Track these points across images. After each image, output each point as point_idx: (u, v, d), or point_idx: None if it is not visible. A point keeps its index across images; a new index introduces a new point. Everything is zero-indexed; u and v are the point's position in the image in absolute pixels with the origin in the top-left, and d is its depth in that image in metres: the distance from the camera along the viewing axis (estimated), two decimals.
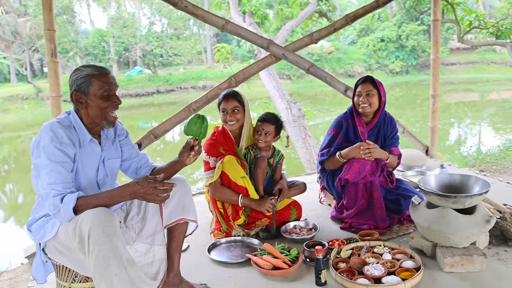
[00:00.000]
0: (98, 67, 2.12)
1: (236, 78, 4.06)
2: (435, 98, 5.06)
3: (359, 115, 3.30)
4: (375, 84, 3.21)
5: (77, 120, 2.10)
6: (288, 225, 3.12)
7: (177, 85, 27.96)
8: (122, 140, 2.39)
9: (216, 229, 3.13)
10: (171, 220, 2.32)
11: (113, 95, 2.14)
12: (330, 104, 23.16)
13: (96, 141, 2.18)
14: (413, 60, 33.12)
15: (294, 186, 3.30)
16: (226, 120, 3.04)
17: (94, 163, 2.18)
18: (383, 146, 3.28)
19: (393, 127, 3.38)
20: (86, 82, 2.05)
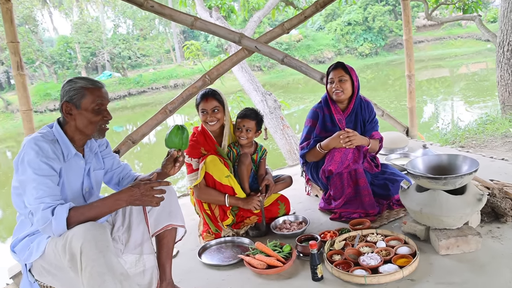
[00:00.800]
0: (93, 81, 2.08)
1: (210, 75, 3.96)
2: (411, 78, 5.06)
3: (334, 103, 3.25)
4: (346, 69, 3.16)
5: (61, 134, 2.05)
6: (278, 220, 3.06)
7: (148, 86, 27.53)
8: (103, 151, 2.34)
9: (205, 231, 3.05)
10: (158, 227, 2.25)
11: (104, 110, 2.10)
12: (303, 92, 23.19)
13: (80, 154, 2.12)
14: (381, 41, 33.40)
15: (280, 180, 3.24)
16: (207, 120, 2.95)
17: (79, 176, 2.13)
18: (363, 132, 3.25)
19: (371, 111, 3.35)
20: (79, 94, 2.01)
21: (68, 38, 29.75)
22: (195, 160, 2.96)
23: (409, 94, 5.13)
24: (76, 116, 2.02)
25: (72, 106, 2.01)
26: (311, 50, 33.53)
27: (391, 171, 3.31)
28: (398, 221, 2.96)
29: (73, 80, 2.05)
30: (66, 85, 2.04)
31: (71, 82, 2.04)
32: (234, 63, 4.07)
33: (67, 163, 2.03)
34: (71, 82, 2.05)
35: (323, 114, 3.28)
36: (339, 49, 33.92)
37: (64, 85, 2.06)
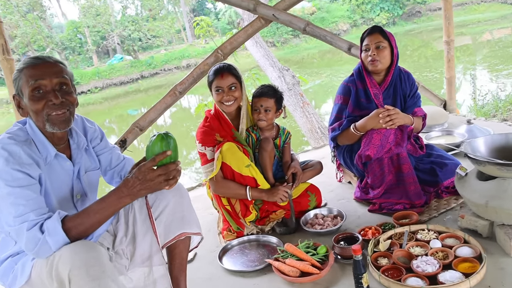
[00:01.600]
0: (34, 57, 1.63)
1: (223, 50, 3.52)
2: (450, 45, 4.53)
3: (370, 75, 2.79)
4: (385, 34, 2.69)
5: (36, 131, 1.64)
6: (308, 214, 2.65)
7: (161, 67, 27.10)
8: (97, 146, 1.92)
9: (225, 229, 2.65)
10: (169, 237, 1.86)
11: (48, 92, 1.60)
12: (319, 66, 22.54)
13: (62, 155, 1.70)
14: (398, 10, 32.17)
15: (308, 167, 2.81)
16: (222, 100, 2.52)
17: (66, 182, 1.73)
18: (403, 109, 2.78)
19: (412, 83, 2.88)
20: (17, 79, 1.62)
21: (77, 23, 29.41)
22: (209, 149, 2.55)
23: (448, 63, 4.61)
24: (26, 108, 1.63)
25: (19, 98, 1.64)
26: (325, 23, 32.54)
27: (438, 153, 2.84)
28: (451, 213, 2.52)
29: (20, 65, 1.64)
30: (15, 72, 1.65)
31: (17, 70, 1.64)
32: (249, 35, 3.62)
33: (48, 167, 1.64)
34: (17, 69, 1.64)
35: (356, 88, 2.82)
36: (355, 20, 32.88)
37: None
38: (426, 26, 29.81)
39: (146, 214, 1.82)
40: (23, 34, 25.84)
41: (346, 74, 2.99)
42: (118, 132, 15.92)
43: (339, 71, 18.54)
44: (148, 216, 1.82)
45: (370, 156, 2.59)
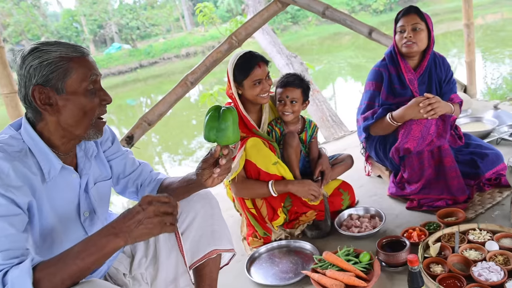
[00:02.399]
0: (74, 46, 1.33)
1: (237, 36, 3.26)
2: (470, 28, 4.27)
3: (403, 58, 2.56)
4: (422, 15, 2.47)
5: (35, 139, 1.31)
6: (342, 215, 2.41)
7: (160, 56, 26.69)
8: (108, 150, 1.61)
9: (250, 235, 2.41)
10: (198, 255, 1.60)
11: (99, 89, 1.37)
12: (319, 53, 22.22)
13: (69, 168, 1.39)
14: None
15: (338, 162, 2.57)
16: (262, 92, 2.25)
17: (71, 199, 1.42)
18: (439, 95, 2.53)
19: (448, 68, 2.67)
20: (60, 69, 1.27)
21: (73, 12, 28.94)
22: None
23: (468, 47, 4.35)
24: (60, 107, 1.29)
25: (51, 92, 1.28)
26: None
27: (476, 143, 2.60)
28: (498, 209, 2.29)
29: (40, 48, 1.27)
30: (30, 58, 1.26)
31: (38, 52, 1.26)
32: (265, 20, 3.36)
33: (49, 184, 1.33)
34: (38, 52, 1.26)
35: (389, 74, 2.58)
36: (353, 7, 32.44)
37: (24, 58, 1.27)
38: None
39: None
40: (16, 23, 25.30)
41: (345, 59, 2.73)
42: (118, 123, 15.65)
43: (339, 57, 18.28)
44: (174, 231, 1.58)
45: (409, 149, 2.35)
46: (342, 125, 6.20)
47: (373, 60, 12.07)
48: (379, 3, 31.57)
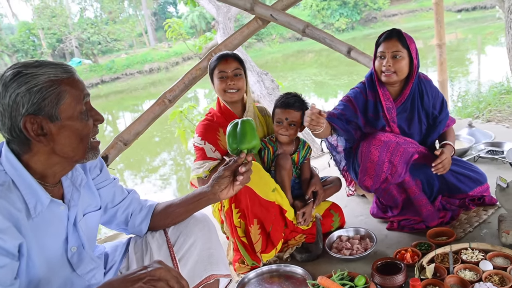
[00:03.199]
0: (61, 65, 1.21)
1: (216, 52, 3.17)
2: (442, 48, 4.40)
3: (383, 85, 2.38)
4: (404, 41, 2.28)
5: (20, 170, 1.18)
6: (331, 237, 2.35)
7: (122, 71, 26.24)
8: (97, 177, 1.50)
9: (237, 260, 2.30)
10: (195, 280, 1.48)
11: (91, 109, 1.27)
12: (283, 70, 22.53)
13: (58, 200, 1.27)
14: (356, 15, 32.85)
15: (327, 183, 2.53)
16: (226, 88, 2.24)
17: (58, 234, 1.29)
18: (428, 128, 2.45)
19: (436, 94, 2.46)
20: (53, 95, 1.16)
21: (30, 24, 28.03)
22: (210, 145, 2.25)
23: (440, 66, 4.47)
24: (54, 135, 1.19)
25: (44, 120, 1.17)
26: None
27: (458, 159, 2.58)
28: (485, 227, 2.31)
29: (24, 72, 1.14)
30: (14, 84, 1.13)
31: (23, 77, 1.14)
32: (245, 37, 3.31)
33: (36, 220, 1.21)
34: (22, 76, 1.14)
35: (366, 99, 2.42)
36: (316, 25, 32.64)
37: (6, 85, 1.13)
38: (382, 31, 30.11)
39: (167, 254, 1.48)
40: None
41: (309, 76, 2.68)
42: None
43: (303, 74, 18.60)
44: (170, 257, 1.48)
45: (368, 188, 2.34)
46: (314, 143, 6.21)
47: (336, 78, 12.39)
48: (341, 22, 32.50)
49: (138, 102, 20.00)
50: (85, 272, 1.38)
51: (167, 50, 26.56)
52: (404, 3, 33.99)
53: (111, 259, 1.58)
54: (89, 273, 1.39)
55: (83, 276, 1.37)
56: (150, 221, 1.58)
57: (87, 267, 1.38)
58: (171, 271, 1.10)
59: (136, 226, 1.58)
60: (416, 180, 2.37)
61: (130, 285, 1.04)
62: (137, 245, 1.57)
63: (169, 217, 1.57)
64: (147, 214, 1.58)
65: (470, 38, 21.47)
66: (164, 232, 1.55)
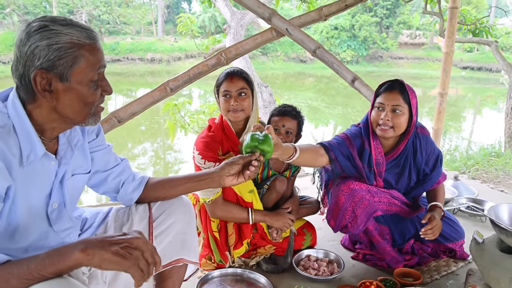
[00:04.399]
0: (88, 30, 1.23)
1: (227, 54, 3.22)
2: (443, 97, 4.48)
3: (376, 138, 2.26)
4: (406, 95, 2.15)
5: (22, 116, 1.20)
6: (300, 254, 2.37)
7: (124, 55, 26.24)
8: (92, 141, 1.51)
9: (204, 256, 2.31)
10: (165, 260, 1.49)
11: (102, 79, 1.29)
12: (281, 88, 22.71)
13: (51, 156, 1.28)
14: (363, 50, 33.32)
15: (306, 203, 2.55)
16: (230, 108, 2.17)
17: (44, 187, 1.30)
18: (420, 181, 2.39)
19: (432, 151, 2.36)
20: (70, 56, 1.18)
21: None
22: (210, 164, 2.15)
23: (438, 114, 4.55)
24: (59, 94, 1.20)
25: (54, 77, 1.18)
26: (294, 48, 33.03)
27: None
28: (452, 278, 2.33)
29: (50, 27, 1.16)
30: (37, 36, 1.15)
31: (48, 32, 1.16)
32: (257, 45, 3.34)
33: (26, 169, 1.22)
34: (47, 31, 1.16)
35: (363, 145, 2.29)
36: None
37: (30, 35, 1.16)
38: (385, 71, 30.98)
39: (146, 229, 1.49)
40: None
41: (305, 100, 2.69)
42: None
43: (299, 96, 18.76)
44: (148, 232, 1.48)
45: (332, 227, 2.36)
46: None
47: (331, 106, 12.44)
48: (348, 54, 32.90)
49: (133, 88, 19.95)
50: (61, 229, 1.38)
51: (172, 43, 26.60)
52: (413, 48, 34.56)
53: (89, 223, 1.58)
54: (65, 231, 1.40)
55: (58, 233, 1.37)
56: (141, 192, 1.60)
57: (64, 225, 1.39)
58: (148, 244, 1.10)
59: (128, 194, 1.58)
60: (382, 227, 2.35)
61: (107, 246, 1.03)
62: (118, 215, 1.58)
63: (165, 188, 1.59)
64: (139, 184, 1.59)
65: (469, 96, 21.89)
66: (148, 207, 1.56)
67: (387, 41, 33.29)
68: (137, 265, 1.04)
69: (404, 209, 2.35)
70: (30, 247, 1.28)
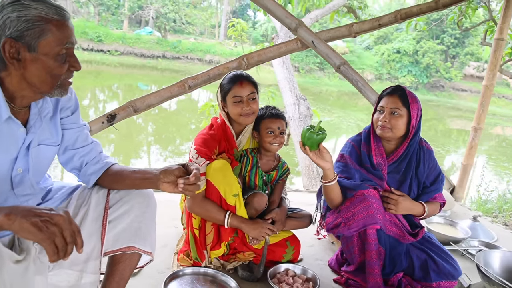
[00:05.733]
0: (57, 7, 1.32)
1: (249, 59, 3.24)
2: (477, 132, 4.26)
3: (378, 140, 2.38)
4: (405, 100, 2.28)
5: None
6: (278, 267, 2.32)
7: (184, 54, 27.05)
8: (66, 118, 1.58)
9: (183, 252, 2.33)
10: (115, 246, 1.54)
11: (70, 55, 1.37)
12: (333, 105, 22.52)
13: (17, 121, 1.37)
14: (424, 78, 32.37)
15: (296, 216, 2.49)
16: (243, 112, 2.19)
17: (10, 151, 1.38)
18: (419, 193, 2.38)
19: (433, 166, 2.43)
20: (36, 28, 1.27)
21: None
22: (201, 160, 2.17)
23: (469, 149, 4.34)
24: (27, 63, 1.29)
25: (22, 47, 1.28)
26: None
27: (440, 247, 2.42)
28: None
29: (22, 1, 1.26)
30: (9, 8, 1.26)
31: (19, 6, 1.26)
32: (281, 53, 3.34)
33: None
34: (19, 5, 1.26)
35: (360, 152, 2.41)
36: (381, 73, 33.06)
37: (3, 7, 1.27)
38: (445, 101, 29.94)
39: (101, 213, 1.53)
40: None
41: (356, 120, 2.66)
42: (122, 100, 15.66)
43: (351, 115, 18.53)
44: (102, 217, 1.52)
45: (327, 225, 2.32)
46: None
47: None
48: (407, 79, 32.08)
49: None
50: (22, 194, 1.46)
51: (232, 48, 27.05)
52: (479, 82, 33.11)
53: (51, 195, 1.64)
54: (25, 196, 1.47)
55: (18, 197, 1.45)
56: (100, 176, 1.63)
57: (25, 191, 1.46)
58: (72, 224, 1.14)
59: (86, 175, 1.64)
60: (380, 247, 2.27)
61: (29, 216, 1.09)
62: (82, 194, 1.63)
63: (116, 179, 1.62)
64: (100, 169, 1.64)
65: None
66: (107, 192, 1.60)
67: (451, 71, 32.19)
68: (52, 240, 1.08)
69: (403, 233, 2.31)
70: None
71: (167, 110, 15.19)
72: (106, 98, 17.12)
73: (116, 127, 3.16)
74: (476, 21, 11.55)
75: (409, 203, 2.26)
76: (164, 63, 25.90)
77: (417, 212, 2.31)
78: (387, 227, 2.27)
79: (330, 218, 2.30)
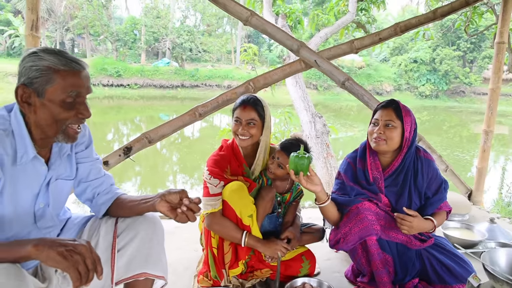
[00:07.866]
0: (68, 58, 1.47)
1: (255, 83, 3.37)
2: (488, 135, 4.26)
3: (374, 154, 2.39)
4: (399, 112, 2.31)
5: (21, 124, 1.48)
6: (295, 282, 2.37)
7: (203, 81, 27.59)
8: (80, 152, 1.73)
9: (202, 273, 2.42)
10: (128, 274, 1.62)
11: (80, 103, 1.51)
12: (355, 120, 22.48)
13: (41, 159, 1.53)
14: (444, 85, 32.09)
15: (310, 231, 2.56)
16: (237, 132, 2.30)
17: (33, 188, 1.53)
18: (421, 207, 2.38)
19: (433, 176, 2.40)
20: (44, 77, 1.43)
21: (136, 20, 30.47)
22: (214, 182, 2.28)
23: (482, 153, 4.33)
24: (36, 108, 1.46)
25: (32, 93, 1.44)
26: (371, 80, 32.67)
27: (452, 250, 2.44)
28: None
29: (38, 53, 1.44)
30: (27, 59, 1.44)
31: (33, 56, 1.44)
32: (286, 75, 3.46)
33: (18, 168, 1.46)
34: (34, 55, 1.44)
35: (355, 168, 2.42)
36: (400, 84, 32.92)
37: (23, 58, 1.46)
38: (467, 106, 29.50)
39: (110, 243, 1.64)
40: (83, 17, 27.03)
41: None
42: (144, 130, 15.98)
43: None
44: (111, 246, 1.63)
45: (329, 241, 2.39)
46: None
47: None
48: (427, 87, 31.84)
49: None
50: (44, 227, 1.61)
51: (249, 72, 27.43)
52: None
53: (68, 226, 1.77)
54: (47, 229, 1.62)
55: (41, 229, 1.59)
56: (110, 207, 1.76)
57: (46, 223, 1.61)
58: (93, 253, 1.27)
59: (97, 205, 1.77)
60: (386, 256, 2.31)
61: (55, 246, 1.23)
62: (93, 224, 1.76)
63: (123, 208, 1.74)
64: (109, 199, 1.77)
65: None
66: (115, 221, 1.71)
67: (470, 76, 31.84)
68: (76, 267, 1.21)
69: (410, 239, 2.33)
70: (12, 237, 1.49)
71: (190, 138, 15.47)
72: (129, 131, 17.54)
73: (142, 160, 3.32)
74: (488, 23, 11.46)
75: (421, 223, 2.25)
76: (183, 92, 26.44)
77: (428, 229, 2.31)
78: (392, 235, 2.30)
79: (332, 235, 2.37)
